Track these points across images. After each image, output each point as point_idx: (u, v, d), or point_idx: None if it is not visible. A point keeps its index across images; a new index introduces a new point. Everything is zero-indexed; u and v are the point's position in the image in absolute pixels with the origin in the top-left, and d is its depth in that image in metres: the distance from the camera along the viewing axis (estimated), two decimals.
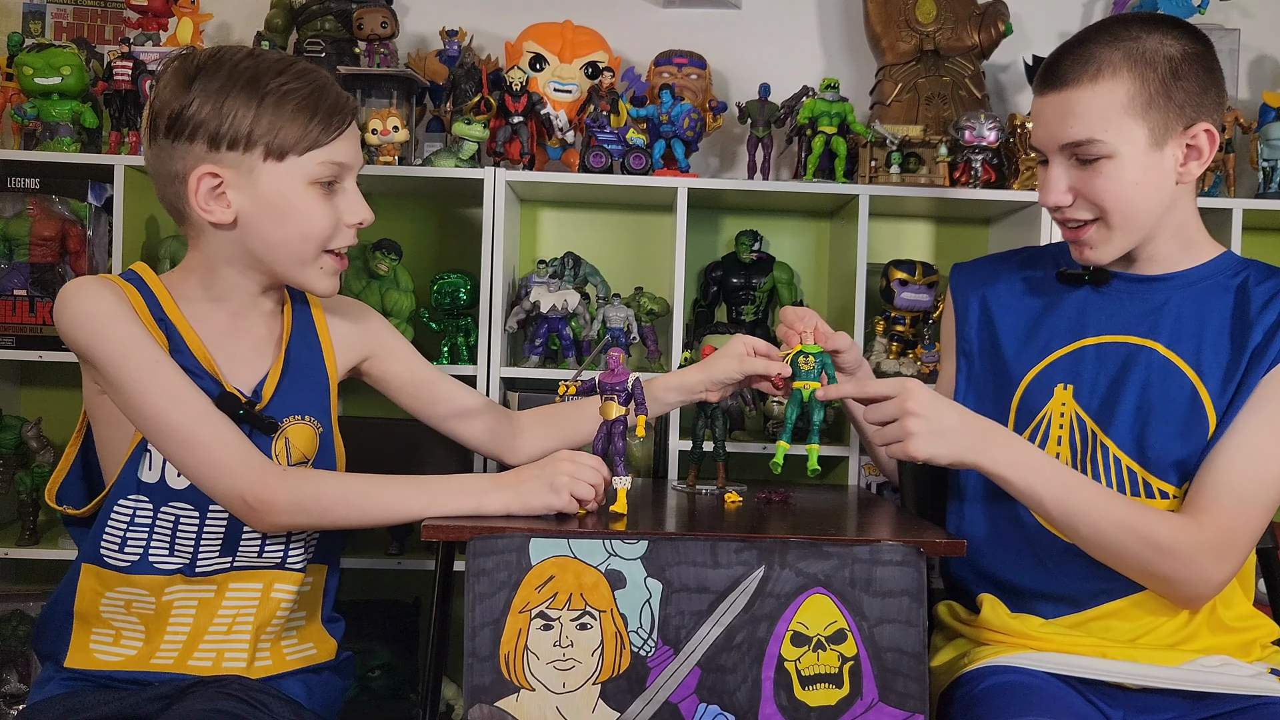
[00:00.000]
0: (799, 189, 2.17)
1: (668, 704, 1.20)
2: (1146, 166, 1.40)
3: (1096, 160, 1.40)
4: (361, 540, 2.19)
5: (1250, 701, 1.35)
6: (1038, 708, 1.28)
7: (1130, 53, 1.38)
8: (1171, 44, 1.39)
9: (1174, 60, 1.38)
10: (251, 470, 1.31)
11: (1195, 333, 1.44)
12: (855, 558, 1.22)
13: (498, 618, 1.20)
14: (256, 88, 1.33)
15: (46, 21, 2.34)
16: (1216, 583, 1.37)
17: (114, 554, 1.36)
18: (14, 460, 2.19)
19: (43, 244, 2.10)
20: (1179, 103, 1.38)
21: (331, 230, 1.40)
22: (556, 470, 1.33)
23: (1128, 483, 1.43)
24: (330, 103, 1.36)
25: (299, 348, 1.48)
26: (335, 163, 1.38)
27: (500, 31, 2.40)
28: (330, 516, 1.35)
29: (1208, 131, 1.40)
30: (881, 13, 2.36)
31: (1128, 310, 1.48)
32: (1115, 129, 1.38)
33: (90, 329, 1.31)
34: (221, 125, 1.32)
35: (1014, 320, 1.57)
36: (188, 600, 1.38)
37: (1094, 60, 1.39)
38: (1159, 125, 1.39)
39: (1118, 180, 1.40)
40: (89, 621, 1.38)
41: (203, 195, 1.34)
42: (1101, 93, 1.38)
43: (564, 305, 2.17)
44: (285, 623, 1.44)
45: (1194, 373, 1.42)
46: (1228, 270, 1.48)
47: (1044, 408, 1.50)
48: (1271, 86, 2.46)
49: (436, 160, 2.15)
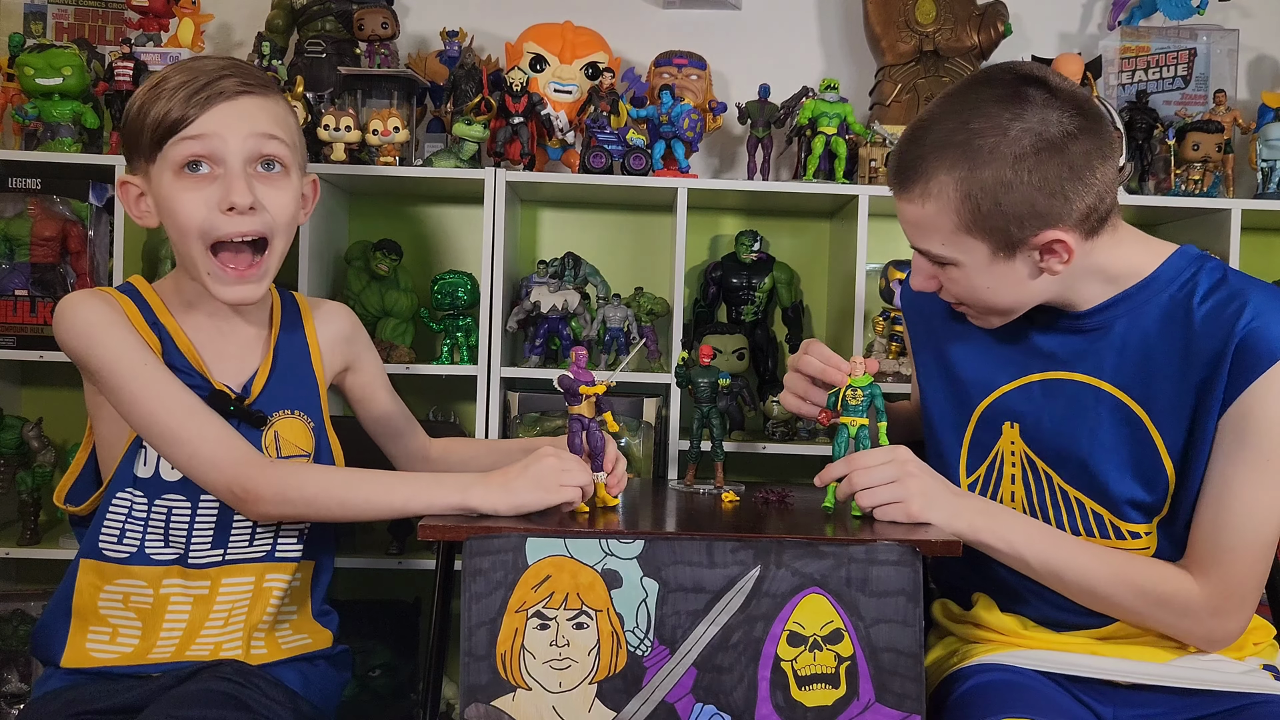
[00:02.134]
0: (799, 189, 2.17)
1: (664, 703, 1.20)
2: (996, 273, 1.32)
3: (944, 264, 1.34)
4: (362, 540, 2.20)
5: (1242, 699, 1.34)
6: (1025, 705, 1.28)
7: (956, 167, 1.26)
8: (1005, 145, 1.25)
9: (1001, 174, 1.25)
10: (237, 463, 1.35)
11: (1139, 364, 1.35)
12: (851, 557, 1.22)
13: (494, 617, 1.20)
14: (151, 89, 1.37)
15: (48, 22, 2.35)
16: (1223, 635, 1.35)
17: (112, 546, 1.39)
18: (15, 460, 2.20)
19: (44, 244, 2.11)
20: (1013, 220, 1.27)
21: (203, 220, 1.36)
22: (543, 467, 1.32)
23: (1094, 525, 1.40)
24: (201, 84, 1.34)
25: (287, 348, 1.51)
26: (191, 137, 1.34)
27: (500, 32, 2.40)
28: (314, 507, 1.37)
29: (1058, 241, 1.28)
30: (881, 13, 2.36)
31: (1071, 345, 1.40)
32: (952, 244, 1.31)
33: (86, 337, 1.36)
34: (130, 135, 1.39)
35: (963, 351, 1.50)
36: (183, 596, 1.41)
37: (923, 174, 1.29)
38: (997, 241, 1.29)
39: (970, 284, 1.34)
40: (86, 619, 1.40)
41: (130, 202, 1.42)
42: (931, 212, 1.30)
43: (564, 305, 2.18)
44: (277, 615, 1.46)
45: (1141, 409, 1.35)
46: (1176, 279, 1.35)
47: (996, 445, 1.46)
48: (1270, 87, 2.46)
49: (437, 161, 2.16)
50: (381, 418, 1.67)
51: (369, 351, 1.66)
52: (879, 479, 1.34)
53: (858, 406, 1.38)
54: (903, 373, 2.19)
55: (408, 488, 1.37)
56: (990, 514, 1.38)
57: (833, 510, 1.40)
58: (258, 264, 1.40)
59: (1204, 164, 2.19)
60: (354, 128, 2.11)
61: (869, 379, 1.39)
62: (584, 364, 1.38)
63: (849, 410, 1.39)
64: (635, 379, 2.15)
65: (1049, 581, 1.38)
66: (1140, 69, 2.36)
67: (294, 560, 1.47)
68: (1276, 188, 2.20)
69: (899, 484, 1.33)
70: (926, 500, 1.33)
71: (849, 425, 1.39)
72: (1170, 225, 2.36)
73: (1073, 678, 1.40)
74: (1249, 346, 1.27)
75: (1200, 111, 2.30)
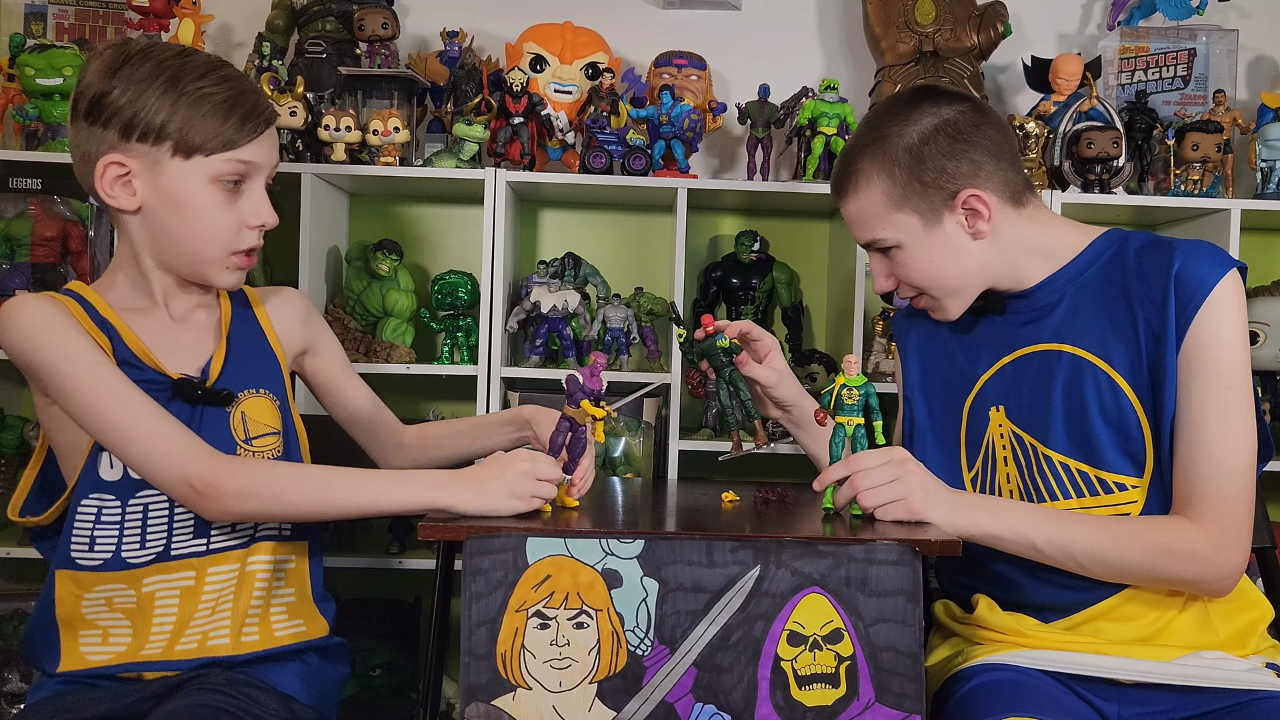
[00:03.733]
0: (799, 189, 2.18)
1: (664, 703, 1.20)
2: (932, 244, 1.47)
3: (890, 250, 1.49)
4: (362, 539, 2.20)
5: (1246, 696, 1.35)
6: (1028, 704, 1.28)
7: (875, 156, 1.46)
8: (911, 130, 1.45)
9: (913, 149, 1.44)
10: (199, 458, 1.32)
11: (1092, 324, 1.45)
12: (851, 557, 1.22)
13: (494, 616, 1.20)
14: (176, 85, 1.36)
15: (48, 22, 2.35)
16: (1234, 568, 1.38)
17: (84, 554, 1.37)
18: (15, 460, 2.20)
19: (44, 244, 2.11)
20: (932, 183, 1.44)
21: (233, 233, 1.41)
22: (518, 473, 1.31)
23: (1083, 486, 1.44)
24: (247, 108, 1.39)
25: (240, 332, 1.50)
26: (242, 161, 1.39)
27: (501, 32, 2.41)
28: (281, 502, 1.34)
29: (974, 196, 1.44)
30: (881, 14, 2.36)
31: (1030, 322, 1.51)
32: (889, 225, 1.47)
33: (30, 340, 1.33)
34: (136, 115, 1.35)
35: (946, 356, 1.60)
36: (169, 590, 1.39)
37: (852, 173, 1.49)
38: (924, 208, 1.45)
39: (915, 263, 1.48)
40: (75, 626, 1.38)
41: (108, 181, 1.38)
42: (864, 199, 1.48)
43: (564, 305, 2.18)
44: (269, 596, 1.44)
45: (1104, 362, 1.43)
46: (1106, 252, 1.48)
47: (985, 434, 1.52)
48: (1270, 87, 2.46)
49: (437, 161, 2.16)
50: (348, 402, 1.64)
51: (327, 334, 1.64)
52: (880, 479, 1.35)
53: (853, 406, 1.40)
54: None
55: (377, 485, 1.36)
56: (987, 507, 1.41)
57: (832, 511, 1.41)
58: (254, 255, 1.47)
59: (1203, 164, 2.20)
60: (354, 128, 2.11)
61: (863, 378, 1.41)
62: (600, 371, 1.37)
63: (844, 410, 1.40)
64: (635, 379, 2.16)
65: (1059, 559, 1.39)
66: (1140, 69, 2.36)
67: (279, 540, 1.45)
68: (1276, 188, 2.20)
69: (900, 482, 1.34)
70: (926, 497, 1.35)
71: (846, 425, 1.40)
72: (1170, 225, 2.36)
73: (1077, 676, 1.40)
74: (1184, 282, 1.39)
75: (1200, 112, 2.30)
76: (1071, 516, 1.41)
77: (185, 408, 1.40)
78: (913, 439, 1.61)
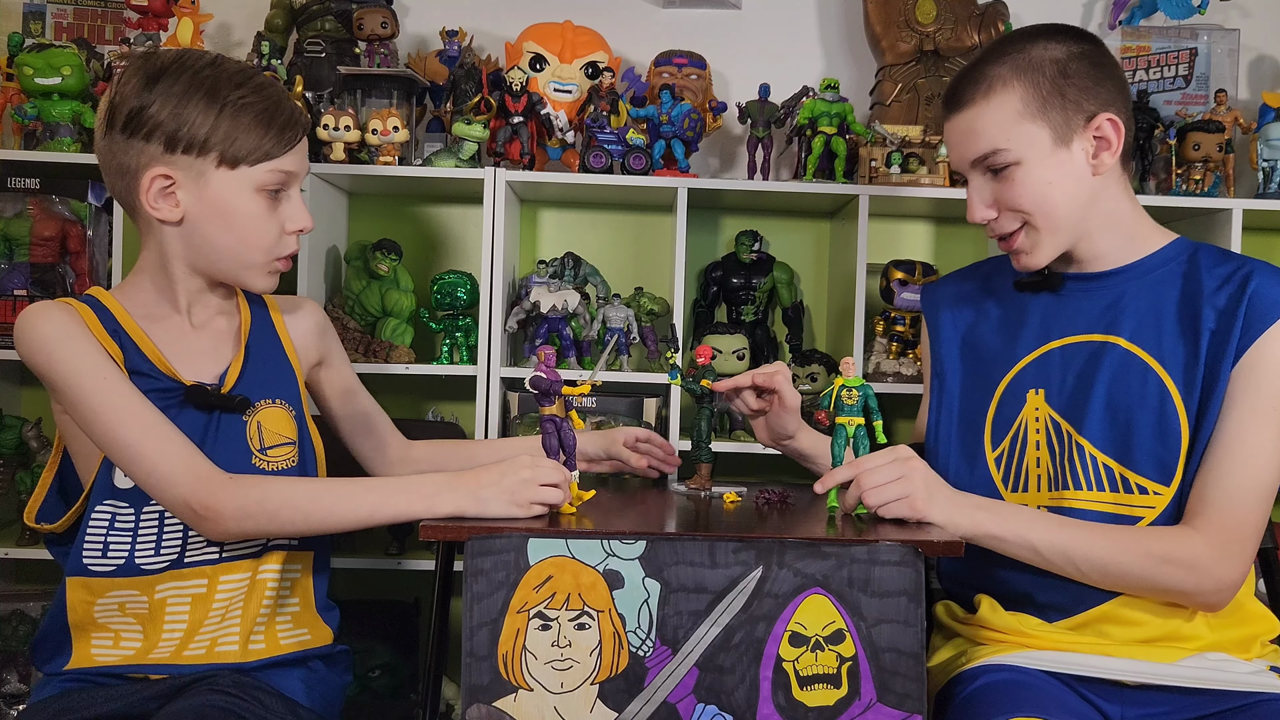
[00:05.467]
0: (799, 189, 2.17)
1: (666, 704, 1.20)
2: (1056, 165, 1.44)
3: (1006, 168, 1.45)
4: (362, 540, 2.20)
5: (1249, 698, 1.35)
6: (1032, 705, 1.29)
7: (1017, 64, 1.44)
8: (1056, 48, 1.44)
9: (1060, 62, 1.43)
10: (197, 480, 1.32)
11: (1154, 324, 1.46)
12: (853, 558, 1.22)
13: (496, 617, 1.20)
14: (216, 96, 1.37)
15: (47, 22, 2.34)
16: (1230, 583, 1.38)
17: (97, 561, 1.37)
18: (14, 460, 2.20)
19: (43, 244, 2.11)
20: (1073, 99, 1.43)
21: (275, 239, 1.44)
22: (518, 479, 1.31)
23: (1106, 481, 1.44)
24: (285, 117, 1.42)
25: (259, 341, 1.51)
26: (284, 171, 1.42)
27: (500, 32, 2.40)
28: (277, 521, 1.35)
29: (1110, 120, 1.44)
30: (881, 13, 2.36)
31: (1086, 309, 1.50)
32: (1016, 136, 1.44)
33: (45, 352, 1.34)
34: (180, 129, 1.36)
35: (983, 333, 1.60)
36: (181, 596, 1.40)
37: (984, 78, 1.45)
38: (1059, 123, 1.43)
39: (1030, 183, 1.45)
40: (86, 630, 1.39)
41: (153, 194, 1.39)
42: (996, 105, 1.44)
43: (564, 305, 2.18)
44: (275, 605, 1.45)
45: (1157, 363, 1.44)
46: (1179, 256, 1.49)
47: (1019, 415, 1.52)
48: (1271, 87, 2.46)
49: (437, 160, 2.15)
50: (356, 415, 1.66)
51: (340, 346, 1.67)
52: (884, 478, 1.35)
53: (853, 406, 1.41)
54: (903, 373, 2.19)
55: (374, 496, 1.36)
56: (989, 508, 1.41)
57: (837, 512, 1.41)
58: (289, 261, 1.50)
59: (1204, 164, 2.19)
60: (354, 127, 2.11)
61: (861, 379, 1.42)
62: (554, 363, 1.38)
63: (844, 410, 1.41)
64: (635, 379, 2.15)
65: (1058, 563, 1.39)
66: (1141, 69, 2.36)
67: (289, 550, 1.46)
68: (1277, 188, 2.20)
69: (903, 480, 1.35)
70: (929, 495, 1.35)
71: (847, 425, 1.41)
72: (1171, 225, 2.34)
73: (1080, 677, 1.40)
74: (1258, 299, 1.40)
75: (1201, 111, 2.30)
76: (1074, 522, 1.41)
77: (200, 415, 1.40)
78: (939, 415, 1.60)
